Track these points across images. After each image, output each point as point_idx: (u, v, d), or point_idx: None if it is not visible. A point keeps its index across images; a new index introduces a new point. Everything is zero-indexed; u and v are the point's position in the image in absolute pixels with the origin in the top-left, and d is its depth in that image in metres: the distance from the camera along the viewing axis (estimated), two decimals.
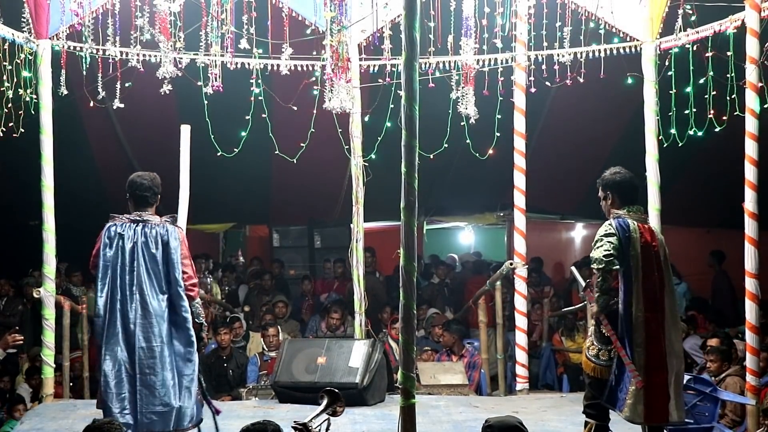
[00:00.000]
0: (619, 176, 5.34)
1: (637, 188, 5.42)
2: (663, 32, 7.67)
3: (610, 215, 5.30)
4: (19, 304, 10.41)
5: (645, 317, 5.06)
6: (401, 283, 4.62)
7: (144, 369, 5.27)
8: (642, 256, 5.12)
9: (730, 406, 6.88)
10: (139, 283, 5.33)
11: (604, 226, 5.20)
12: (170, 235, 5.40)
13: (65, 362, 7.99)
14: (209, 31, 7.54)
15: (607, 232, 5.15)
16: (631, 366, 5.04)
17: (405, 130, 4.60)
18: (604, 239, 5.11)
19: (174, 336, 5.36)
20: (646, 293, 5.11)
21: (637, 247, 5.12)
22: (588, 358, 5.28)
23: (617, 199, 5.30)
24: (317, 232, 13.49)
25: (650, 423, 5.17)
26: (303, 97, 8.28)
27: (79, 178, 10.20)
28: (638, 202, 5.37)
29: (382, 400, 7.52)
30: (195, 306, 5.44)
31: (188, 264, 5.43)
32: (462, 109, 7.89)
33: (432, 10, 7.60)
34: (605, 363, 5.19)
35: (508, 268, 8.13)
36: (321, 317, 10.30)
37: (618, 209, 5.27)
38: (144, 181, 5.52)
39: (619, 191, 5.31)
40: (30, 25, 7.39)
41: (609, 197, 5.32)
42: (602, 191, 5.37)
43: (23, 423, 6.95)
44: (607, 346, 5.16)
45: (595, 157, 11.17)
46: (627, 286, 5.10)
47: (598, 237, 5.17)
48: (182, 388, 5.35)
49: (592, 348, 5.25)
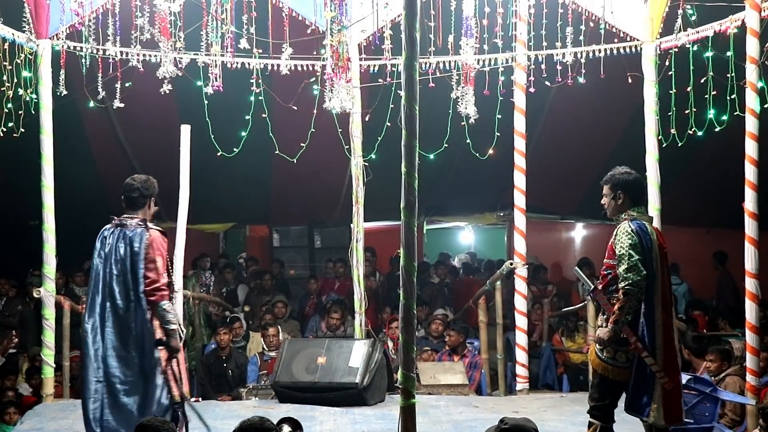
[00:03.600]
0: (632, 176, 5.26)
1: (646, 189, 5.38)
2: (663, 32, 7.67)
3: (619, 215, 5.21)
4: (19, 304, 10.40)
5: (663, 319, 5.04)
6: (401, 283, 4.62)
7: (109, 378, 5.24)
8: (660, 258, 5.10)
9: (730, 406, 6.88)
10: (111, 287, 5.29)
11: (626, 233, 5.04)
12: (135, 238, 5.29)
13: (65, 362, 7.99)
14: (209, 31, 7.54)
15: (632, 242, 4.99)
16: (656, 367, 4.99)
17: (405, 130, 4.60)
18: (633, 254, 4.96)
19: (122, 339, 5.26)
20: (664, 295, 5.09)
21: (656, 250, 5.07)
22: (603, 360, 5.14)
23: (629, 199, 5.21)
24: (317, 232, 13.48)
25: (671, 424, 5.14)
26: (303, 97, 8.29)
27: (79, 178, 10.20)
28: (645, 203, 5.33)
29: (382, 400, 7.52)
30: (159, 311, 5.20)
31: (152, 268, 5.21)
32: (462, 109, 7.90)
33: (432, 10, 7.60)
34: (624, 365, 5.10)
35: (508, 268, 8.13)
36: (321, 317, 10.30)
37: (629, 210, 5.19)
38: (133, 183, 5.44)
39: (631, 191, 5.22)
40: (30, 25, 7.38)
41: (620, 197, 5.21)
42: (611, 191, 5.25)
43: (23, 423, 6.95)
44: (625, 347, 5.07)
45: (595, 157, 11.18)
46: (650, 290, 5.04)
47: (623, 249, 5.00)
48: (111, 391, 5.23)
49: (608, 350, 5.12)
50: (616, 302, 5.03)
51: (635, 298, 4.98)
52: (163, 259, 5.28)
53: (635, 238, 5.02)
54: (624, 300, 4.98)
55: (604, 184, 5.31)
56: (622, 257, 5.01)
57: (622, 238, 5.05)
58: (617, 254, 5.05)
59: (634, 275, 4.95)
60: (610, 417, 5.24)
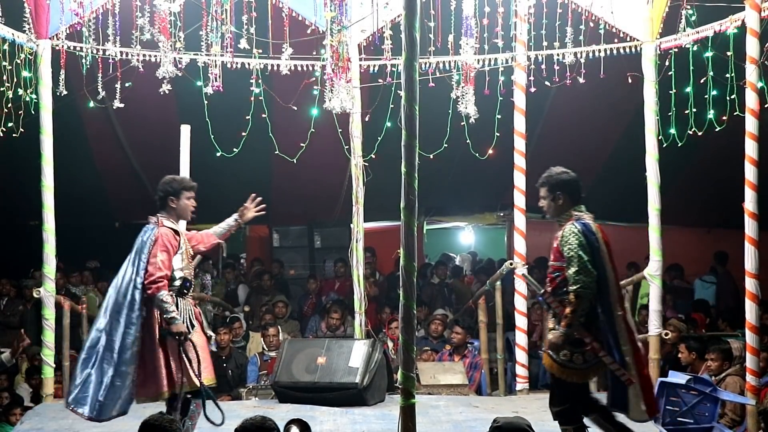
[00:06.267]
0: (568, 176, 5.24)
1: (581, 188, 5.34)
2: (663, 32, 7.67)
3: (560, 216, 5.16)
4: (20, 304, 10.41)
5: (621, 317, 5.02)
6: (401, 283, 4.61)
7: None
8: (608, 256, 5.06)
9: (730, 406, 6.88)
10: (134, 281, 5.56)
11: (573, 234, 4.99)
12: (146, 234, 5.61)
13: (65, 362, 7.99)
14: (209, 31, 7.53)
15: (580, 242, 4.96)
16: (615, 365, 4.98)
17: (405, 130, 4.60)
18: (582, 255, 4.92)
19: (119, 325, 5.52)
20: (618, 292, 5.09)
21: (603, 248, 5.03)
22: (559, 363, 5.05)
23: (569, 199, 5.18)
24: (317, 232, 13.48)
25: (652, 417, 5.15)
26: (303, 97, 8.29)
27: (79, 178, 10.20)
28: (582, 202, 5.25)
29: (382, 400, 7.52)
30: (157, 302, 5.45)
31: (153, 262, 5.47)
32: (462, 108, 7.89)
33: (432, 10, 7.60)
34: (581, 367, 5.03)
35: (508, 268, 8.13)
36: (321, 317, 10.30)
37: (569, 210, 5.16)
38: (157, 185, 5.82)
39: (570, 191, 5.19)
40: (30, 25, 7.38)
41: (560, 197, 5.17)
42: (550, 192, 5.20)
43: (23, 423, 6.94)
44: (581, 349, 5.01)
45: (595, 157, 11.20)
46: (605, 290, 5.01)
47: (572, 250, 4.95)
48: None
49: (565, 353, 5.03)
50: (568, 305, 4.97)
51: (586, 300, 4.94)
52: (168, 255, 5.52)
53: (582, 238, 4.99)
54: (576, 302, 4.92)
55: (542, 186, 5.25)
56: (572, 259, 4.96)
57: (570, 240, 5.00)
58: (566, 256, 5.00)
59: (585, 276, 4.92)
60: (578, 418, 5.15)
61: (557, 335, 5.02)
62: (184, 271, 5.64)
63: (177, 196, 5.73)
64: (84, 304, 8.60)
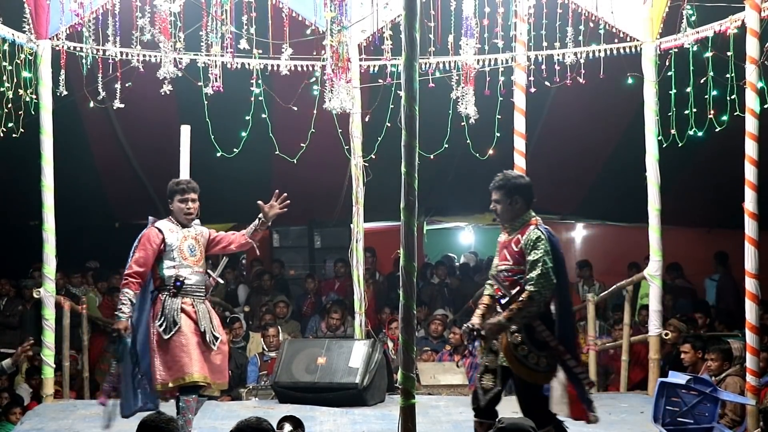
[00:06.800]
0: (524, 180, 5.28)
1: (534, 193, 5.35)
2: (663, 32, 7.67)
3: (515, 220, 5.17)
4: (19, 304, 10.40)
5: (574, 322, 5.10)
6: (401, 283, 4.61)
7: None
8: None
9: (730, 406, 6.87)
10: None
11: (540, 240, 5.00)
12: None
13: (65, 362, 7.98)
14: (209, 31, 7.53)
15: (546, 249, 4.98)
16: (579, 369, 5.03)
17: (405, 130, 4.59)
18: (548, 261, 4.94)
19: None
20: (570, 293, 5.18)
21: (561, 251, 5.08)
22: (530, 368, 5.01)
23: (524, 203, 5.19)
24: (317, 232, 13.48)
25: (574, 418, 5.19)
26: (303, 97, 8.28)
27: (79, 178, 10.20)
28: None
29: (382, 400, 7.52)
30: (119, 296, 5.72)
31: (131, 259, 5.72)
32: (462, 109, 7.90)
33: (432, 10, 7.60)
34: (544, 370, 5.03)
35: None
36: (321, 317, 10.30)
37: (525, 214, 5.17)
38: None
39: (526, 195, 5.21)
40: (30, 25, 7.38)
41: (517, 201, 5.16)
42: (507, 196, 5.17)
43: (23, 423, 6.95)
44: (545, 352, 5.00)
45: (595, 157, 11.20)
46: (566, 295, 5.09)
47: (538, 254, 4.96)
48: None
49: (532, 356, 5.00)
50: (518, 302, 4.96)
51: (537, 306, 4.94)
52: (145, 253, 5.69)
53: (548, 245, 5.02)
54: (528, 303, 4.93)
55: (498, 190, 5.21)
56: (536, 262, 4.97)
57: (537, 245, 5.01)
58: (531, 259, 4.99)
59: (546, 282, 4.93)
60: (552, 416, 5.14)
61: (494, 321, 5.00)
62: (177, 269, 5.68)
63: (170, 199, 5.89)
64: (84, 305, 8.59)
